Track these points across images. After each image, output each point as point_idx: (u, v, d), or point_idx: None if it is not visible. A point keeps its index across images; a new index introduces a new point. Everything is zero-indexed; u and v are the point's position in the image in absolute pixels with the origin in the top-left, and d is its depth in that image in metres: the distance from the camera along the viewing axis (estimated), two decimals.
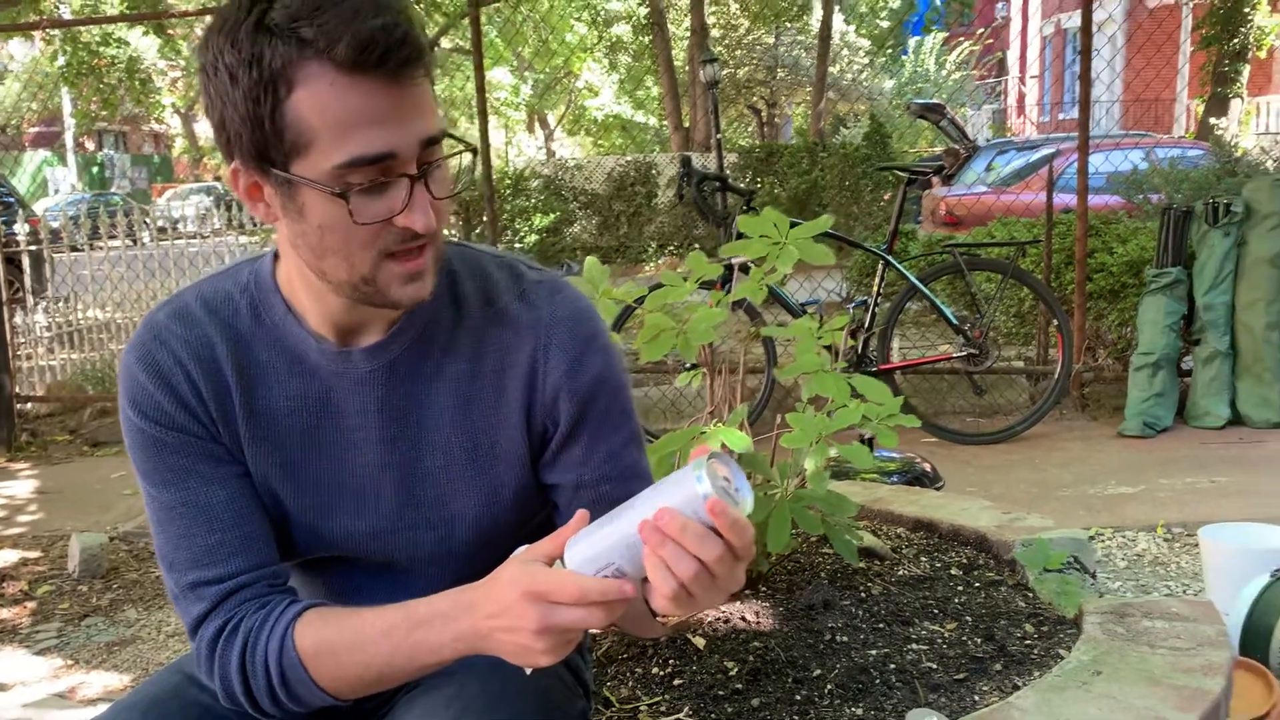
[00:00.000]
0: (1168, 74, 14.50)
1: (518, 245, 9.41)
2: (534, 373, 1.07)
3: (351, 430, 1.09)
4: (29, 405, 5.52)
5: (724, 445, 1.75)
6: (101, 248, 6.24)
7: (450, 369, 1.09)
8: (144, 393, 1.06)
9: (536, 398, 1.08)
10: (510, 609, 0.90)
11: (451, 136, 1.01)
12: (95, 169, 29.54)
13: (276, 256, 1.09)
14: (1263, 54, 14.35)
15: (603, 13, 20.63)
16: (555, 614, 0.88)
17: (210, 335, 1.07)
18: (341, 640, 1.00)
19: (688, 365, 2.24)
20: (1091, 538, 3.23)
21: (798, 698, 1.54)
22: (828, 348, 1.97)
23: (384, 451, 1.09)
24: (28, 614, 3.09)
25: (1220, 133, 11.60)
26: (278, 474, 1.09)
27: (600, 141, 26.37)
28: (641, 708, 1.54)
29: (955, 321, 4.45)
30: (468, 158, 1.03)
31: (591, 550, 0.88)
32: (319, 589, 1.18)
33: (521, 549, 0.95)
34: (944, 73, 23.88)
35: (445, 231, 1.08)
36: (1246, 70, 14.20)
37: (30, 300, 6.31)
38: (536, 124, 29.82)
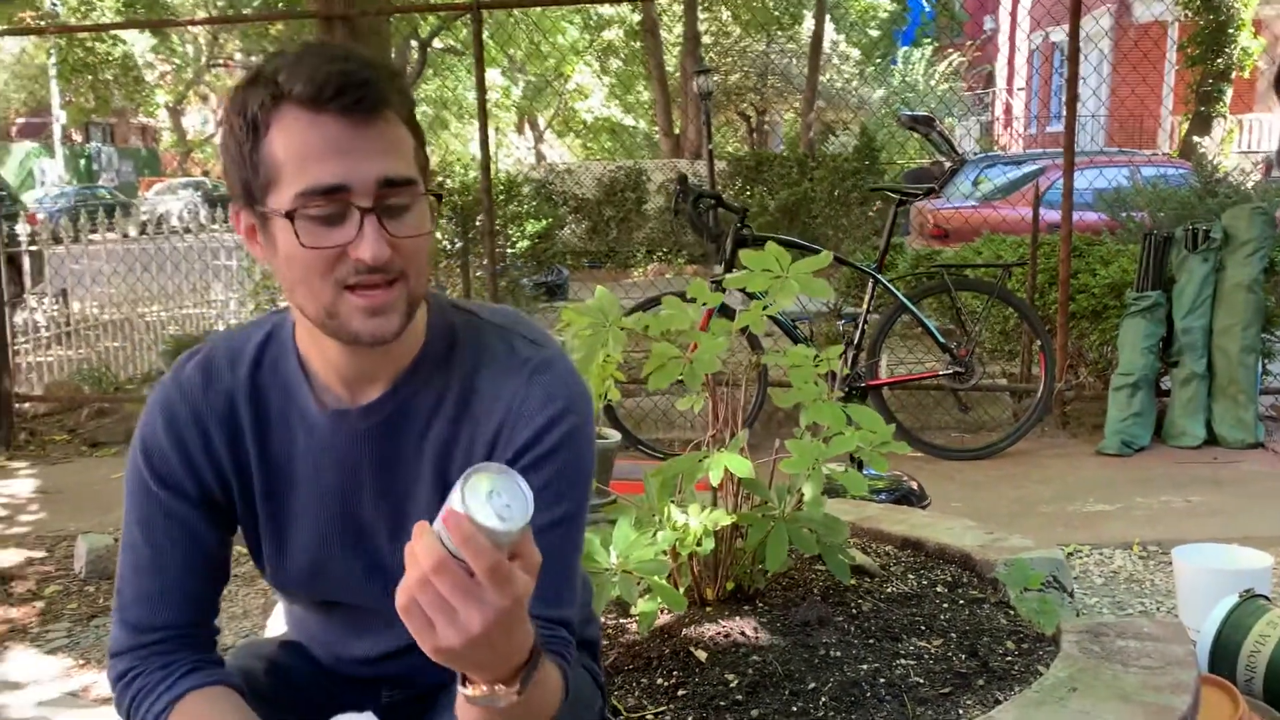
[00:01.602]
0: (1153, 91, 14.71)
1: (510, 251, 9.48)
2: (497, 440, 1.13)
3: (347, 481, 1.18)
4: (27, 405, 5.57)
5: (726, 470, 1.86)
6: (96, 241, 6.30)
7: (436, 430, 1.16)
8: (156, 442, 1.17)
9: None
10: None
11: (431, 192, 1.07)
12: (83, 161, 29.42)
13: None
14: (1245, 74, 14.56)
15: (595, 17, 20.72)
16: None
17: (230, 388, 1.18)
18: None
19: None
20: (1070, 554, 3.36)
21: (794, 709, 1.64)
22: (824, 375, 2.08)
23: (375, 501, 1.18)
24: (36, 614, 3.17)
25: (1203, 151, 11.80)
26: (286, 517, 1.20)
27: (590, 144, 26.46)
28: (648, 716, 1.65)
29: (942, 340, 4.57)
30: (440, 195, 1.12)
31: None
32: (322, 627, 1.30)
33: None
34: (933, 83, 24.09)
35: (439, 288, 1.17)
36: (1230, 90, 14.41)
37: (27, 298, 6.37)
38: (526, 125, 29.88)
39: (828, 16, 17.33)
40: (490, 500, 0.83)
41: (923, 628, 1.94)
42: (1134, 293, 4.66)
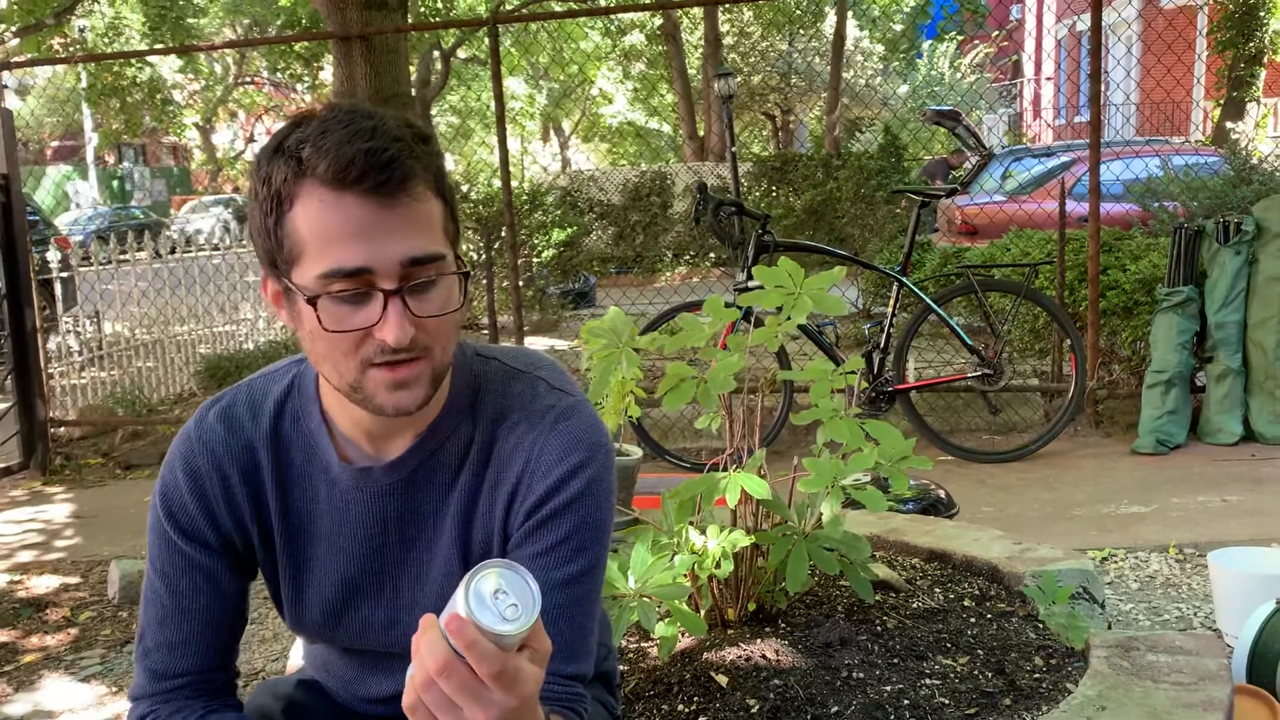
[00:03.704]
0: (1184, 77, 14.48)
1: (535, 260, 9.51)
2: (516, 492, 1.13)
3: (370, 536, 1.18)
4: (62, 429, 5.64)
5: (743, 489, 1.84)
6: (127, 261, 6.37)
7: (461, 481, 1.15)
8: (177, 494, 1.17)
9: (512, 517, 1.13)
10: None
11: (458, 272, 1.05)
12: (115, 182, 29.85)
13: None
14: (1278, 57, 14.30)
15: (617, 23, 20.75)
16: None
17: (252, 439, 1.17)
18: None
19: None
20: (1104, 559, 3.30)
21: None
22: (843, 389, 2.05)
23: (398, 554, 1.18)
24: (70, 640, 3.20)
25: (1236, 137, 11.58)
26: (307, 568, 1.20)
27: (615, 149, 26.49)
28: None
29: (969, 341, 4.51)
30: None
31: None
32: (340, 665, 1.30)
33: None
34: (959, 76, 23.91)
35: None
36: (1263, 74, 14.17)
37: (60, 323, 6.45)
38: (551, 132, 29.97)
39: (849, 13, 17.24)
40: (495, 601, 0.81)
41: (949, 645, 1.91)
42: (1165, 288, 4.58)
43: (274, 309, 1.10)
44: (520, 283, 5.98)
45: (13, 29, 11.20)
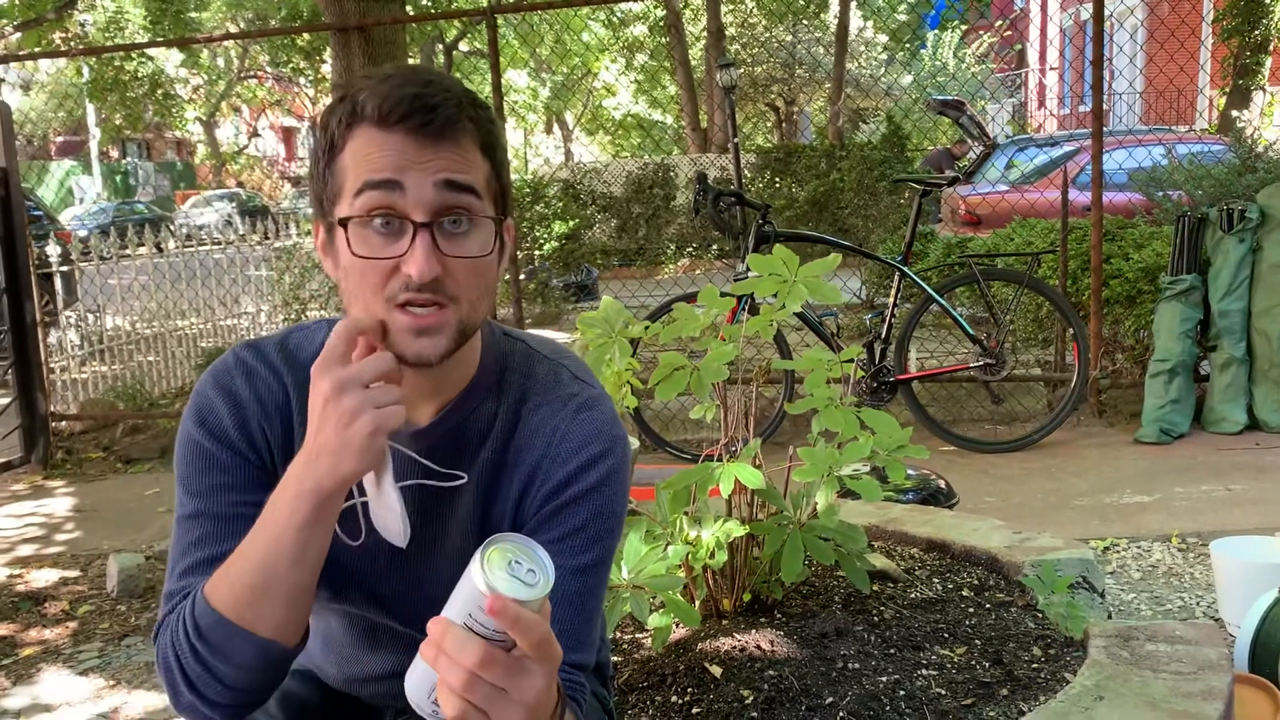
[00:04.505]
0: (1189, 65, 14.38)
1: (537, 253, 9.48)
2: (534, 475, 1.13)
3: None
4: (63, 423, 5.64)
5: (737, 479, 1.82)
6: (128, 255, 6.36)
7: (482, 457, 1.15)
8: (213, 411, 1.13)
9: (526, 501, 1.13)
10: (312, 421, 0.98)
11: (493, 217, 1.06)
12: (120, 177, 29.85)
13: None
14: None
15: (620, 14, 20.67)
16: (341, 372, 0.97)
17: (286, 384, 1.15)
18: (229, 564, 1.03)
19: None
20: (1106, 549, 3.28)
21: None
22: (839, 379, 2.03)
23: (417, 528, 1.15)
24: (69, 634, 3.19)
25: (1242, 125, 11.50)
26: None
27: (618, 140, 26.42)
28: None
29: (971, 331, 4.49)
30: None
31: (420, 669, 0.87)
32: (339, 636, 1.27)
33: None
34: (963, 66, 23.79)
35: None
36: (1269, 61, 14.07)
37: (61, 317, 6.45)
38: (554, 124, 29.91)
39: (853, 2, 17.15)
40: (512, 570, 0.81)
41: (946, 635, 1.90)
42: (1168, 276, 4.55)
43: (322, 259, 1.11)
44: (522, 275, 5.97)
45: (13, 23, 11.20)
